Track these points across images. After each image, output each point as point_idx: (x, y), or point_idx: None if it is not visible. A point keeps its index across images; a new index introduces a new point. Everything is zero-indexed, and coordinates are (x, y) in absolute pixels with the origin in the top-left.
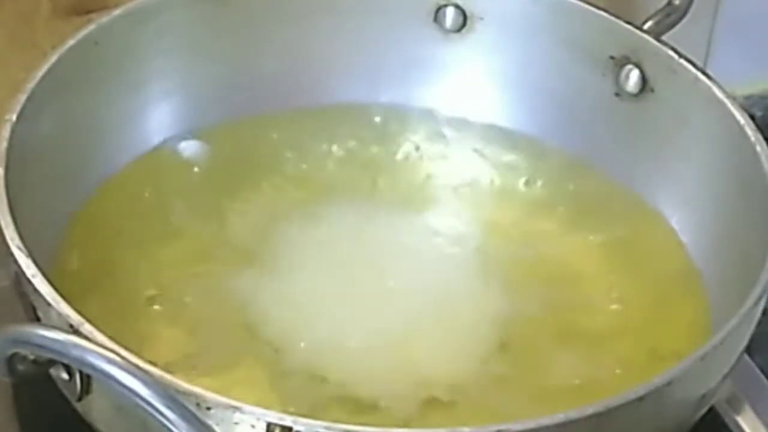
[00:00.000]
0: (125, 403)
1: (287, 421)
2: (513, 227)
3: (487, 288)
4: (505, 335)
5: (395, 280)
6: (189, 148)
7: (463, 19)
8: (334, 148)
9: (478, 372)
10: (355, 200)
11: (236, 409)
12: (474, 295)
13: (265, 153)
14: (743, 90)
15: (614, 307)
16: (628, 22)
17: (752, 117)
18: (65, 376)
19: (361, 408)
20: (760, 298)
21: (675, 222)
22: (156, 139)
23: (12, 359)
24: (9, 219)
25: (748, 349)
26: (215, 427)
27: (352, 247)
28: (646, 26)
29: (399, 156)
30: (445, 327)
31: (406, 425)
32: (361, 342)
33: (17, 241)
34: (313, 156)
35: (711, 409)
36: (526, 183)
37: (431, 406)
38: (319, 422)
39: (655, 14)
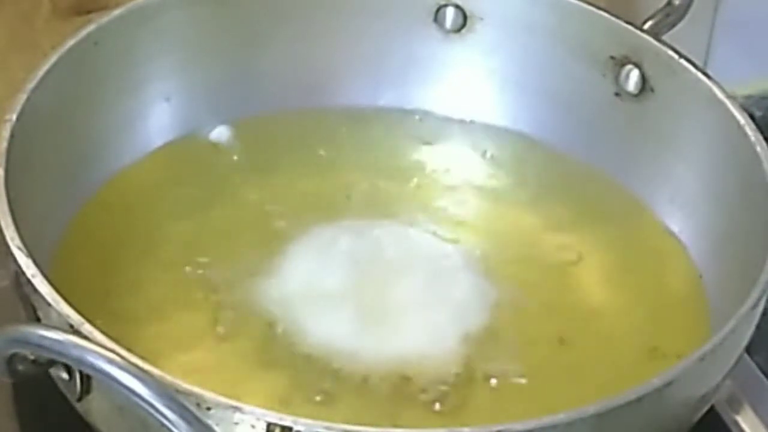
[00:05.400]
0: (125, 403)
1: (287, 421)
2: (511, 227)
3: (486, 288)
4: (503, 335)
5: (394, 277)
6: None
7: (463, 19)
8: (334, 148)
9: (478, 369)
10: (352, 200)
11: (236, 409)
12: (473, 295)
13: (264, 154)
14: (743, 90)
15: (614, 307)
16: (628, 22)
17: (752, 117)
18: (65, 376)
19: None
20: (759, 299)
21: (675, 222)
22: (155, 140)
23: (12, 359)
24: (9, 219)
25: (748, 349)
26: (215, 427)
27: (351, 246)
28: (646, 26)
29: (398, 156)
30: (444, 326)
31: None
32: (364, 338)
33: (17, 241)
34: (313, 156)
35: (711, 409)
36: (525, 183)
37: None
38: (319, 422)
39: (655, 14)
